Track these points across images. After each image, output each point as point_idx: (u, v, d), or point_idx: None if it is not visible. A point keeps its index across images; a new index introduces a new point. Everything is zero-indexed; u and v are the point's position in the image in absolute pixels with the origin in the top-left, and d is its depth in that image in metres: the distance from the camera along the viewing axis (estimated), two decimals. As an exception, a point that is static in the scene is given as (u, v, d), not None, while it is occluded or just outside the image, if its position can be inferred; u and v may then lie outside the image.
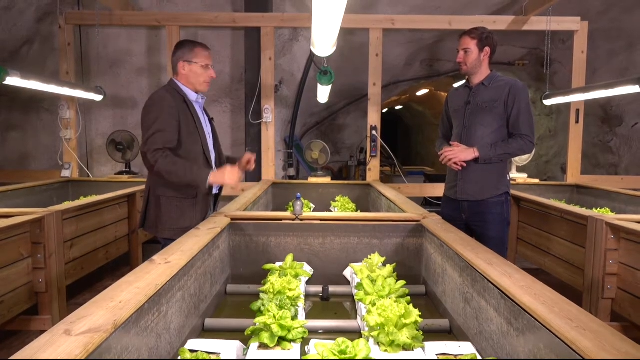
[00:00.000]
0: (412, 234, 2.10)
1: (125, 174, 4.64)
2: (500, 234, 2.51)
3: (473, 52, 2.46)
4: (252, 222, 2.13)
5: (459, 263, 1.58)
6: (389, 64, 6.03)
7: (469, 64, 2.48)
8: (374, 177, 4.47)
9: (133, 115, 5.38)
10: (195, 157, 2.21)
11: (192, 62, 2.24)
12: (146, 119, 2.12)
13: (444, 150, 2.55)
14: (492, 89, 2.50)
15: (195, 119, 2.23)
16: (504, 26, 4.39)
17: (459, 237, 1.76)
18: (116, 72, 5.29)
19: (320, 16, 1.80)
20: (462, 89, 2.65)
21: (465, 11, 5.13)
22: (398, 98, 10.71)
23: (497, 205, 2.50)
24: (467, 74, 2.53)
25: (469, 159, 2.48)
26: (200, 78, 2.25)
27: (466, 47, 2.47)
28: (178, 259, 1.43)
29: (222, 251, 1.98)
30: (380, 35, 4.35)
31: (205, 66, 2.24)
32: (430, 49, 6.48)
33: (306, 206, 3.62)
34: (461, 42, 2.48)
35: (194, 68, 2.24)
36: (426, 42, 6.11)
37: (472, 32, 2.47)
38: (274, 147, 4.52)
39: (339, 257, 2.10)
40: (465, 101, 2.57)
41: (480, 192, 2.51)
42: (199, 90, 2.28)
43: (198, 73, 2.24)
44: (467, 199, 2.54)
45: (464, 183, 2.54)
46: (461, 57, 2.49)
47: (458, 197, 2.57)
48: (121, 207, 3.64)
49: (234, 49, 5.25)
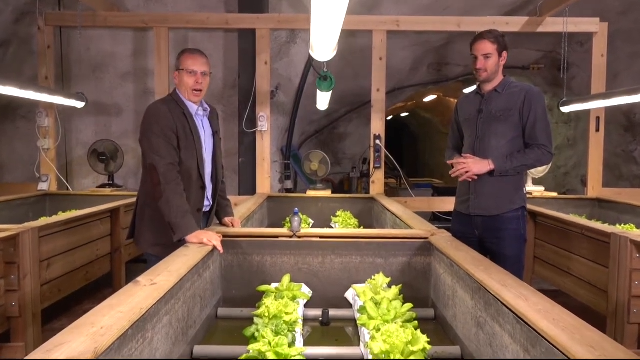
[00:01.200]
0: (420, 253, 2.09)
1: (108, 186, 4.64)
2: (517, 251, 2.51)
3: (493, 57, 2.47)
4: (246, 239, 2.12)
5: (470, 284, 1.57)
6: (394, 69, 6.08)
7: (489, 70, 2.49)
8: (378, 190, 4.47)
9: (117, 123, 5.40)
10: (188, 172, 2.23)
11: (180, 70, 2.28)
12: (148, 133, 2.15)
13: (456, 163, 2.56)
14: (506, 96, 2.51)
15: (193, 133, 2.25)
16: (517, 28, 4.44)
17: (471, 256, 1.76)
18: (99, 77, 5.32)
19: (319, 17, 1.81)
20: (473, 96, 2.67)
21: (475, 12, 5.19)
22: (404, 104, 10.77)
23: (513, 220, 2.50)
24: (486, 81, 2.54)
25: (483, 171, 2.48)
26: (186, 86, 2.28)
27: (487, 53, 2.46)
28: (165, 280, 1.43)
29: (213, 271, 1.97)
30: (384, 38, 4.40)
31: (190, 72, 2.26)
32: (438, 52, 6.53)
33: (304, 222, 3.62)
34: (479, 47, 2.48)
35: (181, 76, 2.28)
36: (433, 44, 6.16)
37: (490, 36, 2.46)
38: (270, 158, 4.53)
39: (340, 277, 2.09)
40: (477, 109, 2.58)
41: (495, 207, 2.51)
42: (189, 99, 2.30)
43: (184, 81, 2.27)
44: (481, 214, 2.54)
45: (478, 197, 2.55)
46: (482, 64, 2.48)
47: (471, 212, 2.57)
48: (103, 223, 3.64)
49: (226, 53, 5.29)
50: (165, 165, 2.09)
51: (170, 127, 2.16)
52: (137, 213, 2.33)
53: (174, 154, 2.15)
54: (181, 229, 2.02)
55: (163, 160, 2.10)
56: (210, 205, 2.45)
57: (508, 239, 2.50)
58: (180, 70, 2.27)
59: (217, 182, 2.44)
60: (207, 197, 2.40)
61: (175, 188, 2.08)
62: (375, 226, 3.78)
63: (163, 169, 2.09)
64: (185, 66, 2.26)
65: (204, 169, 2.33)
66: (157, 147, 2.12)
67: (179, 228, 2.02)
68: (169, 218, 2.05)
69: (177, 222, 2.03)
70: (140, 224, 2.31)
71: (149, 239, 2.27)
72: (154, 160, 2.10)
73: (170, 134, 2.16)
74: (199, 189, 2.32)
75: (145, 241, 2.28)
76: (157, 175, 2.08)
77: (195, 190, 2.30)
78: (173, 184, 2.08)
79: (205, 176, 2.33)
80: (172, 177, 2.09)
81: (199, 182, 2.31)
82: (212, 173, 2.42)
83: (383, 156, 4.49)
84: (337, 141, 8.50)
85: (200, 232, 2.02)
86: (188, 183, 2.23)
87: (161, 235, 2.21)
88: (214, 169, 2.43)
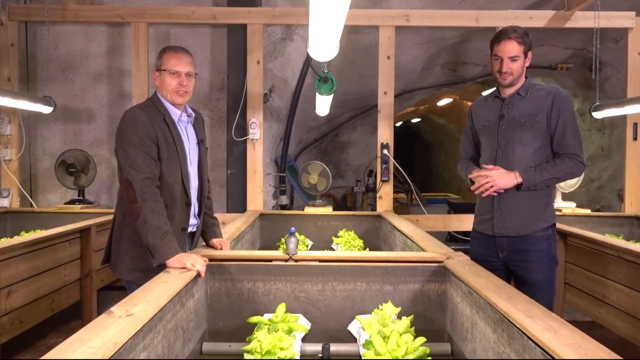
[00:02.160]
0: (434, 279, 2.09)
1: (78, 203, 4.64)
2: (548, 276, 2.51)
3: (520, 59, 2.49)
4: (235, 263, 2.12)
5: (492, 315, 1.57)
6: (403, 69, 6.12)
7: (516, 74, 2.50)
8: (386, 206, 4.47)
9: (89, 131, 5.42)
10: (170, 187, 2.23)
11: (162, 71, 2.29)
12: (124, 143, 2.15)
13: (478, 176, 2.55)
14: (530, 99, 2.52)
15: (176, 142, 2.26)
16: (542, 23, 4.48)
17: (492, 282, 1.76)
18: (69, 78, 5.36)
19: (319, 11, 1.82)
20: (491, 100, 2.68)
21: (495, 5, 5.24)
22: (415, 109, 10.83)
23: (543, 240, 2.50)
24: (511, 85, 2.56)
25: (509, 186, 2.47)
26: (168, 87, 2.28)
27: (515, 55, 2.47)
28: (142, 311, 1.42)
29: (197, 300, 1.97)
30: (392, 34, 4.44)
31: (173, 74, 2.27)
32: (453, 50, 6.59)
33: (302, 243, 3.61)
34: (505, 49, 2.48)
35: (163, 77, 2.29)
36: (448, 41, 6.21)
37: (517, 36, 2.47)
38: (262, 170, 4.54)
39: (343, 307, 2.09)
40: (497, 115, 2.59)
41: (523, 226, 2.50)
42: (172, 101, 2.31)
43: (166, 83, 2.28)
44: (507, 234, 2.53)
45: (503, 215, 2.54)
46: (508, 67, 2.48)
47: (495, 233, 2.56)
48: (72, 244, 3.63)
49: (214, 51, 5.33)
50: (142, 179, 2.09)
51: (149, 136, 2.16)
52: (114, 234, 2.32)
53: (152, 166, 2.15)
54: (160, 252, 2.01)
55: (140, 174, 2.10)
56: (196, 224, 2.45)
57: (538, 262, 2.49)
58: (162, 71, 2.28)
59: (202, 197, 2.45)
60: (194, 214, 2.40)
61: (153, 206, 2.07)
62: (383, 248, 3.78)
63: (139, 184, 2.08)
64: (168, 66, 2.27)
65: (189, 182, 2.33)
66: (133, 158, 2.12)
67: (157, 251, 2.02)
68: (147, 240, 2.04)
69: (155, 245, 2.02)
70: (118, 246, 2.29)
71: (128, 264, 2.25)
72: (130, 174, 2.10)
73: (149, 144, 2.16)
74: (183, 206, 2.31)
75: (124, 266, 2.27)
76: (133, 191, 2.08)
77: (179, 207, 2.29)
78: (150, 201, 2.07)
79: (190, 191, 2.33)
80: (149, 194, 2.08)
81: (184, 198, 2.31)
82: (198, 188, 2.42)
83: (391, 168, 4.50)
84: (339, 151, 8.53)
85: (183, 256, 2.02)
86: (171, 199, 2.23)
87: (141, 259, 2.20)
88: (200, 182, 2.43)
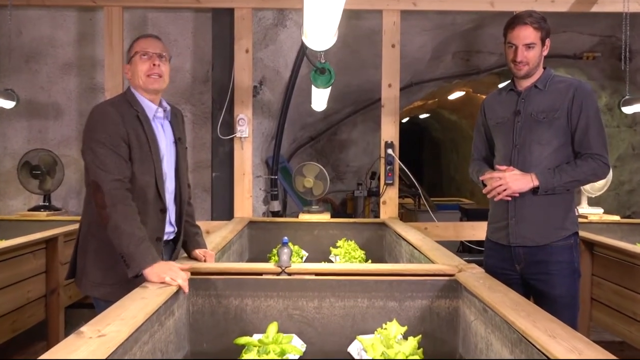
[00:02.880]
0: (444, 294, 2.09)
1: (44, 209, 4.63)
2: (570, 290, 2.52)
3: (537, 47, 2.50)
4: (221, 277, 2.12)
5: (509, 335, 1.58)
6: (410, 58, 6.13)
7: (532, 64, 2.51)
8: (391, 213, 4.48)
9: (56, 128, 5.42)
10: (143, 191, 2.23)
11: (131, 58, 2.32)
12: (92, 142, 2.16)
13: (490, 179, 2.56)
14: (549, 93, 2.53)
15: (149, 141, 2.26)
16: (565, 7, 4.49)
17: (509, 298, 1.77)
18: (34, 68, 5.35)
19: (314, -4, 1.83)
20: (505, 94, 2.69)
21: (512, -13, 5.26)
22: (423, 103, 10.86)
23: (564, 251, 2.51)
24: (527, 75, 2.56)
25: (524, 189, 2.48)
26: (140, 72, 2.30)
27: (531, 42, 2.49)
28: (116, 331, 1.42)
29: (178, 319, 1.96)
30: (397, 20, 4.45)
31: (143, 55, 2.30)
32: (466, 38, 6.60)
33: (296, 255, 3.61)
34: (520, 35, 2.50)
35: (133, 63, 2.31)
36: (460, 28, 6.23)
37: (534, 21, 2.49)
38: (252, 172, 4.54)
39: (342, 326, 2.09)
40: (512, 111, 2.60)
41: (541, 234, 2.51)
42: (146, 88, 2.32)
43: (138, 68, 2.30)
44: (524, 244, 2.54)
45: (519, 222, 2.54)
46: (523, 55, 2.50)
47: (511, 243, 2.57)
48: (37, 256, 3.62)
49: (197, 38, 5.33)
50: (112, 182, 2.09)
51: (119, 134, 2.17)
52: (79, 244, 2.32)
53: (123, 167, 2.16)
54: (136, 261, 2.01)
55: (109, 176, 2.10)
56: (174, 231, 2.45)
57: (559, 275, 2.50)
58: (132, 58, 2.31)
59: (181, 203, 2.45)
60: (170, 222, 2.40)
61: (124, 210, 2.08)
62: (387, 260, 3.78)
63: (109, 186, 2.08)
64: (137, 49, 2.30)
65: (164, 186, 2.33)
66: (102, 159, 2.12)
67: (133, 260, 2.01)
68: (120, 248, 2.04)
69: (130, 253, 2.02)
70: (83, 258, 2.28)
71: (95, 278, 2.25)
72: (98, 176, 2.10)
73: (119, 143, 2.16)
74: (157, 213, 2.32)
75: (89, 281, 2.26)
76: (102, 194, 2.08)
77: (152, 214, 2.29)
78: (121, 205, 2.08)
79: (165, 196, 2.33)
80: (120, 197, 2.09)
81: (158, 204, 2.31)
82: (176, 192, 2.42)
83: (397, 169, 4.51)
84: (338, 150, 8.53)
85: (162, 267, 2.01)
86: (143, 205, 2.22)
87: (111, 272, 2.20)
88: (178, 186, 2.43)
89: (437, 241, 3.04)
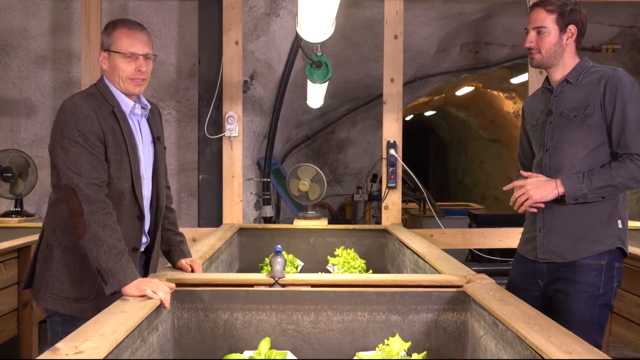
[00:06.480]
0: (452, 307, 2.09)
1: (15, 215, 4.62)
2: (587, 316, 2.39)
3: (551, 32, 2.42)
4: (208, 289, 2.12)
5: (521, 351, 1.58)
6: (414, 50, 6.15)
7: (545, 51, 2.44)
8: (393, 219, 4.48)
9: (28, 126, 5.41)
10: (118, 196, 2.21)
11: (111, 52, 2.24)
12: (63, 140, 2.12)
13: (512, 187, 2.50)
14: (581, 87, 2.44)
15: (126, 141, 2.24)
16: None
17: (521, 311, 1.77)
18: (4, 62, 5.34)
19: (310, -17, 1.84)
20: (541, 92, 2.64)
21: (525, -27, 5.28)
22: (428, 100, 10.87)
23: (590, 271, 2.38)
24: (541, 65, 2.50)
25: (548, 197, 2.39)
26: (122, 74, 2.24)
27: (540, 26, 2.42)
28: (95, 347, 1.42)
29: (162, 334, 1.96)
30: (400, 9, 4.46)
31: (129, 56, 2.23)
32: (475, 28, 6.62)
33: (290, 264, 3.61)
34: (531, 18, 2.45)
35: (114, 60, 2.24)
36: (468, 17, 6.25)
37: (548, 3, 2.43)
38: (242, 175, 4.54)
39: (341, 342, 2.09)
40: (545, 111, 2.53)
41: (571, 248, 2.41)
42: (126, 90, 2.28)
43: (119, 67, 2.23)
44: (551, 259, 2.45)
45: (548, 236, 2.46)
46: (532, 40, 2.45)
47: (538, 258, 2.48)
48: (8, 266, 3.61)
49: (182, 29, 5.34)
50: (89, 186, 2.06)
51: (94, 132, 2.13)
52: (40, 252, 2.26)
53: (99, 169, 2.12)
54: (116, 277, 1.98)
55: (84, 179, 2.06)
56: (147, 242, 2.43)
57: (575, 296, 2.39)
58: (112, 52, 2.23)
59: (158, 210, 2.43)
60: (144, 231, 2.38)
61: (105, 219, 2.05)
62: (390, 270, 3.79)
63: (87, 191, 2.05)
64: (120, 47, 2.22)
65: (141, 191, 2.31)
66: (75, 159, 2.08)
67: (113, 275, 1.98)
68: (97, 262, 2.00)
69: (109, 268, 1.99)
70: (44, 267, 2.23)
71: (57, 291, 2.19)
72: (72, 180, 2.06)
73: (94, 142, 2.12)
74: (134, 220, 2.30)
75: (51, 294, 2.20)
76: (78, 201, 2.04)
77: (128, 221, 2.27)
78: (101, 214, 2.05)
79: (143, 201, 2.32)
80: (99, 204, 2.05)
81: (134, 210, 2.29)
82: (152, 197, 2.41)
83: (400, 172, 4.51)
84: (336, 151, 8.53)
85: (142, 281, 2.00)
86: (118, 212, 2.18)
87: (77, 285, 2.18)
88: (155, 191, 2.41)
89: (444, 249, 3.05)
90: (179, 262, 2.47)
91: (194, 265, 2.44)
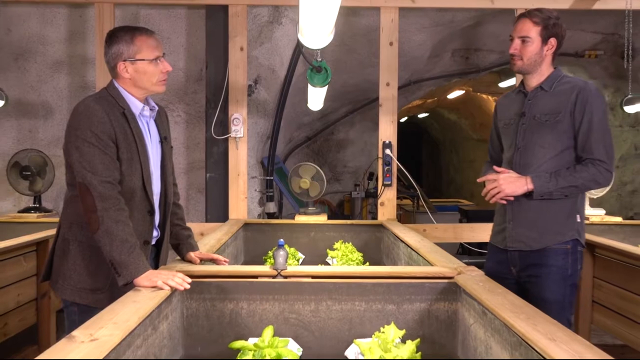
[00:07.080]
0: (443, 297, 2.10)
1: (34, 211, 4.62)
2: (558, 296, 2.50)
3: (534, 42, 2.50)
4: (215, 280, 2.13)
5: (508, 338, 1.59)
6: (409, 56, 6.14)
7: (526, 59, 2.52)
8: (389, 214, 4.49)
9: (46, 128, 5.41)
10: (130, 193, 2.21)
11: (135, 61, 2.22)
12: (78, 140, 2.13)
13: (485, 180, 2.59)
14: (554, 95, 2.53)
15: (137, 141, 2.24)
16: (567, 4, 4.50)
17: (509, 301, 1.78)
18: (23, 67, 5.34)
19: (311, -7, 1.84)
20: (514, 94, 2.71)
21: (512, -16, 5.27)
22: (422, 103, 10.87)
23: (558, 255, 2.51)
24: (521, 71, 2.58)
25: (518, 192, 2.49)
26: (152, 78, 2.25)
27: (525, 35, 2.50)
28: (109, 335, 1.43)
29: (171, 322, 1.97)
30: (395, 17, 4.45)
31: (154, 60, 2.24)
32: (466, 35, 6.62)
33: (292, 257, 3.62)
34: (517, 27, 2.52)
35: (141, 67, 2.23)
36: (459, 25, 6.24)
37: (534, 15, 2.50)
38: (247, 173, 4.54)
39: (339, 330, 2.10)
40: (518, 112, 2.61)
41: (537, 239, 2.52)
42: (153, 91, 2.30)
43: (149, 72, 2.24)
44: (520, 248, 2.56)
45: (516, 226, 2.56)
46: (516, 48, 2.52)
47: (508, 247, 2.59)
48: (27, 259, 3.62)
49: (190, 36, 5.33)
50: (103, 183, 2.06)
51: (107, 133, 2.13)
52: (57, 246, 2.28)
53: (112, 168, 2.12)
54: (129, 269, 1.99)
55: (97, 177, 2.07)
56: (157, 235, 2.43)
57: (547, 279, 2.50)
58: (137, 61, 2.22)
59: (166, 205, 2.43)
60: (155, 225, 2.38)
61: (117, 215, 2.06)
62: (385, 262, 3.79)
63: (100, 189, 2.05)
64: (147, 54, 2.22)
65: (152, 187, 2.31)
66: (89, 159, 2.09)
67: (125, 268, 2.00)
68: (111, 255, 2.01)
69: (122, 261, 2.00)
70: (61, 260, 2.24)
71: (74, 282, 2.20)
72: (86, 178, 2.07)
73: (106, 142, 2.13)
74: (145, 215, 2.30)
75: (68, 285, 2.21)
76: (92, 198, 2.05)
77: (140, 216, 2.27)
78: (114, 210, 2.05)
79: (153, 197, 2.32)
80: (112, 200, 2.06)
81: (146, 206, 2.29)
82: (161, 193, 2.41)
83: (395, 170, 4.52)
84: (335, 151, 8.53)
85: (153, 273, 2.01)
86: (130, 207, 2.19)
87: (92, 277, 2.18)
88: (163, 187, 2.42)
89: (436, 243, 3.05)
90: (188, 255, 2.48)
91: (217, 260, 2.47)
